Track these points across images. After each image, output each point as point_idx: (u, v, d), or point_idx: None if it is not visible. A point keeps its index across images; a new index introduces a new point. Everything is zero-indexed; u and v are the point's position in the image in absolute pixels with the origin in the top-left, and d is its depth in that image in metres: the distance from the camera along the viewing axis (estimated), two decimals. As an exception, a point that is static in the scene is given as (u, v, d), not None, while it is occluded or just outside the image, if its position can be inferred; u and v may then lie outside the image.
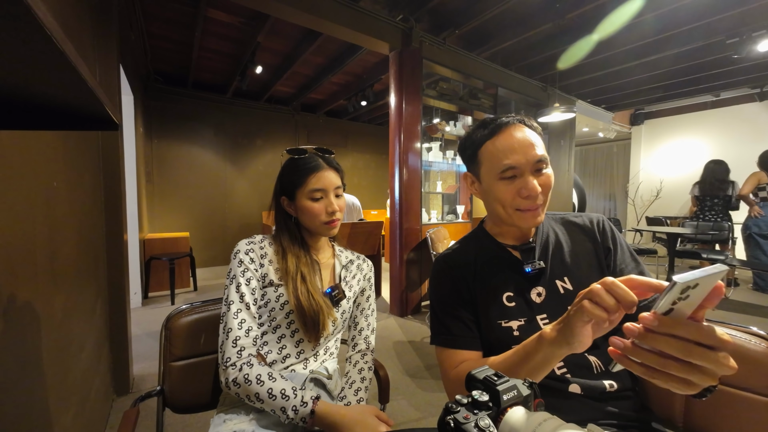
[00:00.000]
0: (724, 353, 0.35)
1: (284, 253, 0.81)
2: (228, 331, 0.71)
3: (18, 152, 0.78)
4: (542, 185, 0.66)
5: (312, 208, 0.79)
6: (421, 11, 3.00)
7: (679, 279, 0.32)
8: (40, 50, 0.26)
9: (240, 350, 0.70)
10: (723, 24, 3.20)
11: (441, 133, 3.57)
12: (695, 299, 0.35)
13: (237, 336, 0.71)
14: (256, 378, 0.67)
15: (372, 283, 0.94)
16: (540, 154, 0.65)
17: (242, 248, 0.79)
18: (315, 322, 0.77)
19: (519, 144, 0.66)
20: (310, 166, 0.80)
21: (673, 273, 3.52)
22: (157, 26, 3.27)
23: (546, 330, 0.52)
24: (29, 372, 0.80)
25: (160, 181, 4.74)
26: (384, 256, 5.17)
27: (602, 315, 0.43)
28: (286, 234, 0.84)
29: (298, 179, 0.80)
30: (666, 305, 0.35)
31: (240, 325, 0.72)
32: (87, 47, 1.45)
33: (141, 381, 1.92)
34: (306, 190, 0.79)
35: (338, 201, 0.82)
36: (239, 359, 0.69)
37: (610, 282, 0.43)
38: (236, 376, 0.68)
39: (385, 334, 2.65)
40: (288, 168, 0.84)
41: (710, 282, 0.33)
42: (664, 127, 6.17)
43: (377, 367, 0.92)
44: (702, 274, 0.32)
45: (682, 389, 0.37)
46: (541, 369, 0.53)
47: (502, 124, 0.69)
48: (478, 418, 0.35)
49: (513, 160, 0.65)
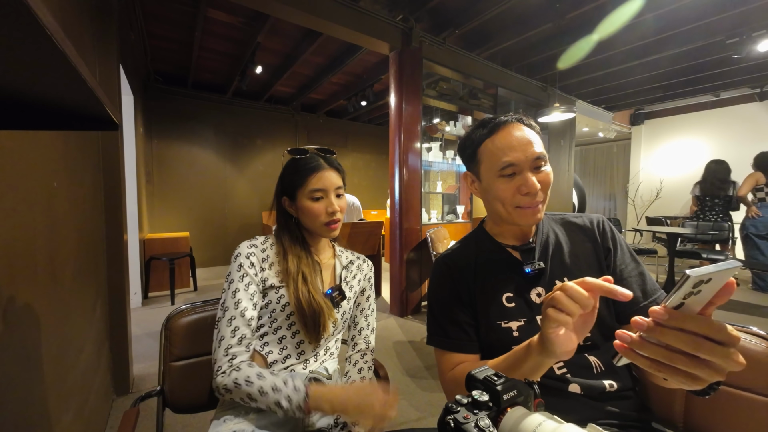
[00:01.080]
0: (733, 349, 0.35)
1: (285, 253, 0.81)
2: (221, 339, 0.71)
3: (18, 152, 0.78)
4: (541, 182, 0.66)
5: (312, 209, 0.79)
6: (421, 11, 3.00)
7: (693, 273, 0.32)
8: (40, 50, 0.26)
9: (231, 358, 0.70)
10: (723, 24, 3.20)
11: (441, 133, 3.57)
12: (706, 295, 0.34)
13: (229, 345, 0.71)
14: (245, 380, 0.66)
15: (372, 283, 0.94)
16: (539, 152, 0.66)
17: (243, 251, 0.79)
18: (316, 323, 0.77)
19: (518, 141, 0.66)
20: (311, 166, 0.80)
21: (673, 273, 3.52)
22: (157, 26, 3.27)
23: (534, 339, 0.52)
24: (29, 372, 0.80)
25: (160, 181, 4.74)
26: (384, 256, 5.17)
27: (567, 319, 0.45)
28: (287, 234, 0.84)
29: (299, 179, 0.80)
30: (677, 299, 0.35)
31: (233, 333, 0.72)
32: (87, 47, 1.45)
33: (141, 381, 1.92)
34: (306, 190, 0.79)
35: (339, 201, 0.82)
36: (229, 367, 0.69)
37: (568, 286, 0.45)
38: (226, 382, 0.67)
39: (385, 334, 2.65)
40: (289, 168, 0.84)
41: (722, 278, 0.33)
42: (664, 127, 6.17)
43: (377, 367, 0.92)
44: (715, 269, 0.32)
45: (687, 384, 0.37)
46: (532, 375, 0.54)
47: (500, 122, 0.69)
48: (478, 418, 0.35)
49: (512, 158, 0.65)
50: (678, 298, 0.34)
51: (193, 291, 3.80)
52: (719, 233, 3.83)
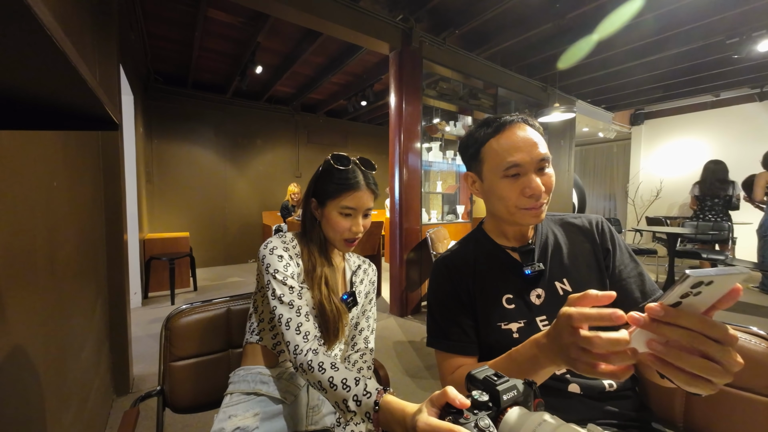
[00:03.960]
0: (731, 348, 0.35)
1: (310, 256, 0.80)
2: (288, 321, 0.69)
3: (18, 152, 0.78)
4: (545, 184, 0.66)
5: (338, 223, 0.77)
6: (421, 11, 3.00)
7: (692, 273, 0.32)
8: (40, 50, 0.26)
9: (305, 335, 0.68)
10: (723, 24, 3.20)
11: (441, 133, 3.57)
12: (708, 298, 0.34)
13: (299, 323, 0.69)
14: (319, 365, 0.64)
15: (375, 286, 0.94)
16: (543, 153, 0.65)
17: (278, 245, 0.77)
18: (335, 327, 0.77)
19: (523, 142, 0.65)
20: (350, 183, 0.77)
21: (673, 273, 3.52)
22: (157, 26, 3.27)
23: (541, 347, 0.48)
24: (29, 372, 0.80)
25: (160, 181, 4.74)
26: (384, 256, 5.17)
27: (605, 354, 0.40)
28: (313, 236, 0.83)
29: (334, 191, 0.77)
30: (674, 297, 0.34)
31: (298, 312, 0.70)
32: (87, 47, 1.45)
33: (141, 381, 1.92)
34: (338, 203, 0.77)
35: (365, 221, 0.80)
36: (306, 343, 0.67)
37: (582, 320, 0.40)
38: (302, 361, 0.65)
39: (385, 334, 2.65)
40: (326, 174, 0.80)
41: (726, 283, 0.32)
42: (664, 127, 6.17)
43: (377, 367, 0.92)
44: (717, 272, 0.31)
45: (695, 385, 0.36)
46: (537, 379, 0.52)
47: (506, 122, 0.68)
48: (477, 418, 0.35)
49: (517, 158, 0.65)
50: (675, 296, 0.34)
51: (193, 291, 3.80)
52: (719, 233, 3.82)
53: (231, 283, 4.27)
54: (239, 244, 5.44)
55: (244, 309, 0.95)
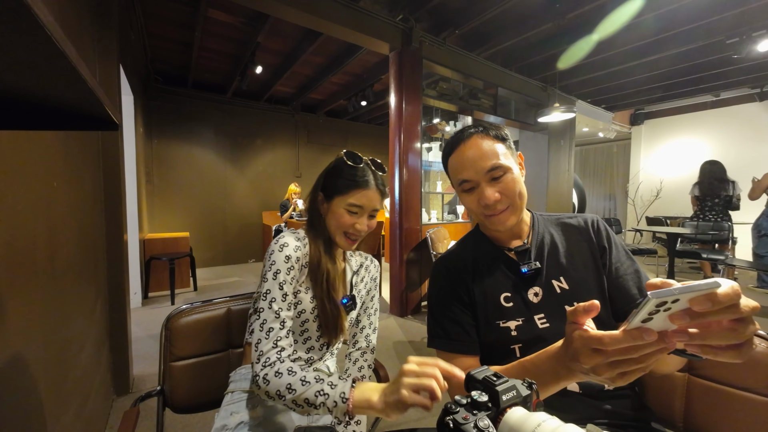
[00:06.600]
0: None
1: (317, 253, 0.80)
2: (269, 330, 0.69)
3: (18, 152, 0.78)
4: (502, 191, 0.68)
5: (343, 218, 0.78)
6: (421, 11, 3.00)
7: (654, 295, 0.32)
8: (40, 50, 0.26)
9: (280, 350, 0.68)
10: (723, 24, 3.20)
11: (441, 133, 3.57)
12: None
13: (278, 336, 0.69)
14: (288, 370, 0.64)
15: (377, 283, 0.94)
16: (491, 164, 0.67)
17: (291, 243, 0.76)
18: (336, 325, 0.78)
19: (468, 160, 0.69)
20: (360, 180, 0.78)
21: (673, 273, 3.52)
22: (157, 26, 3.27)
23: (561, 363, 0.47)
24: (29, 372, 0.80)
25: (160, 181, 4.74)
26: (384, 256, 5.17)
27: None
28: (319, 233, 0.83)
29: (344, 187, 0.78)
30: (637, 322, 0.35)
31: (282, 325, 0.70)
32: (87, 47, 1.45)
33: (141, 381, 1.92)
34: (346, 200, 0.78)
35: (369, 221, 0.81)
36: (278, 357, 0.67)
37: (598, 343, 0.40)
38: (267, 372, 0.65)
39: (385, 334, 2.65)
40: (337, 170, 0.81)
41: (696, 296, 0.32)
42: (664, 127, 6.17)
43: (377, 367, 0.93)
44: (683, 291, 0.31)
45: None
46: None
47: (459, 140, 0.72)
48: (477, 418, 0.35)
49: (465, 175, 0.70)
50: (638, 320, 0.34)
51: (193, 291, 3.80)
52: (719, 233, 3.82)
53: (231, 283, 4.27)
54: (239, 244, 5.44)
55: (244, 309, 0.95)
